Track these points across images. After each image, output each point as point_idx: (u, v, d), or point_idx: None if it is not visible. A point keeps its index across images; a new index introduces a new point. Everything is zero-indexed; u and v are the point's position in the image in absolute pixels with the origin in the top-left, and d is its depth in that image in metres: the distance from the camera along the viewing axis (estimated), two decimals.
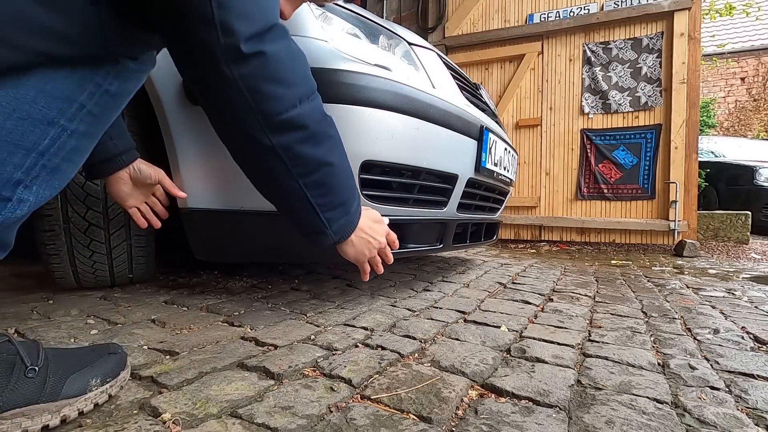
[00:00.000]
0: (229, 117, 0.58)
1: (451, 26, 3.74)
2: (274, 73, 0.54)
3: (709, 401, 0.66)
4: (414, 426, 0.55)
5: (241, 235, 1.12)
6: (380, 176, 1.09)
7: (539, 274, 1.95)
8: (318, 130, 0.62)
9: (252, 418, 0.56)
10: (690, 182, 3.00)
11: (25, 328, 0.90)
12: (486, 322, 1.07)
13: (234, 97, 0.54)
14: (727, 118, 9.65)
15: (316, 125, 0.62)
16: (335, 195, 0.69)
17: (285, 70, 0.55)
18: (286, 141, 0.59)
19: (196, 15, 0.47)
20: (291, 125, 0.58)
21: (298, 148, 0.60)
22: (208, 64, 0.51)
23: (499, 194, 1.79)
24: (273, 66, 0.54)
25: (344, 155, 0.70)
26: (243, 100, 0.54)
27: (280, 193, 0.66)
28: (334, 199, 0.69)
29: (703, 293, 1.59)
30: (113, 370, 0.60)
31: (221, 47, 0.49)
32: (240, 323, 0.99)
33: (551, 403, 0.63)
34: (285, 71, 0.56)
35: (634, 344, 0.93)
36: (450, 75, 1.40)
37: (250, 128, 0.57)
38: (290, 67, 0.57)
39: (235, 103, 0.54)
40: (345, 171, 0.71)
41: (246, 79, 0.53)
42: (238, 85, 0.52)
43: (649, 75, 3.11)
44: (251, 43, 0.51)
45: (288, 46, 0.57)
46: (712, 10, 6.70)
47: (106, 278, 1.24)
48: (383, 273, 1.06)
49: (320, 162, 0.64)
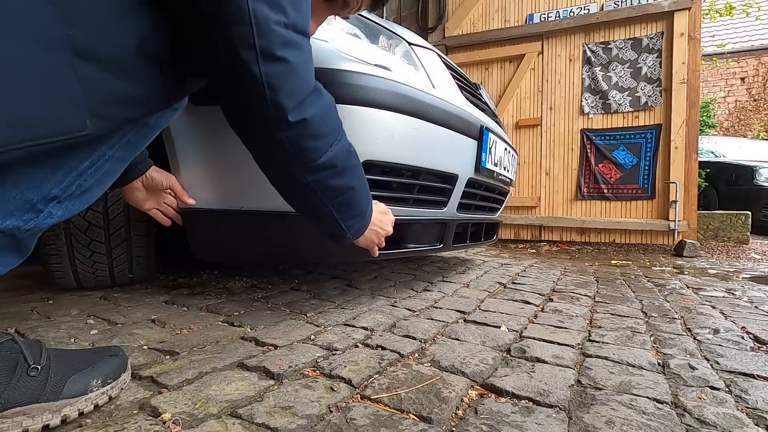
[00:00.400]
0: (274, 165, 0.69)
1: (451, 26, 3.74)
2: (313, 132, 0.64)
3: (709, 401, 0.66)
4: (414, 426, 0.55)
5: (241, 235, 1.11)
6: (380, 176, 1.09)
7: (539, 274, 1.95)
8: (345, 165, 0.73)
9: (252, 418, 0.56)
10: (690, 182, 3.00)
11: (25, 328, 0.90)
12: (486, 322, 1.07)
13: (280, 152, 0.64)
14: (727, 118, 9.65)
15: (343, 162, 0.72)
16: (355, 209, 0.80)
17: (321, 126, 0.65)
18: (319, 178, 0.70)
19: (252, 95, 0.56)
20: (324, 167, 0.69)
21: (329, 182, 0.71)
22: (260, 130, 0.62)
23: (499, 194, 1.79)
24: (312, 127, 0.63)
25: (363, 176, 0.80)
26: (287, 153, 0.64)
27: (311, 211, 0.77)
28: (354, 212, 0.80)
29: (703, 293, 1.59)
30: (114, 372, 0.60)
31: (272, 119, 0.59)
32: (240, 323, 0.99)
33: (551, 403, 0.63)
34: (321, 127, 0.66)
35: (634, 344, 0.93)
36: (450, 75, 1.40)
37: (291, 172, 0.68)
38: (325, 122, 0.67)
39: (280, 156, 0.65)
40: (364, 189, 0.81)
41: (290, 139, 0.62)
42: (284, 144, 0.63)
43: (649, 75, 3.11)
44: (295, 113, 0.60)
45: (323, 104, 0.66)
46: (712, 10, 6.70)
47: (106, 278, 1.24)
48: (383, 273, 1.06)
49: (345, 188, 0.75)
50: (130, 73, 0.51)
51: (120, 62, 0.50)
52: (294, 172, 0.68)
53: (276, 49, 0.54)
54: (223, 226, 1.09)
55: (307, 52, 0.61)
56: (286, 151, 0.64)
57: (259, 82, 0.55)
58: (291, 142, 0.63)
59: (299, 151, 0.64)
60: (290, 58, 0.56)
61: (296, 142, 0.63)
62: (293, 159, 0.65)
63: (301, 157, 0.65)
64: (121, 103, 0.52)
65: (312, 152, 0.66)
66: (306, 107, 0.62)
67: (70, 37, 0.44)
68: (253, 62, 0.53)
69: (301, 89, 0.60)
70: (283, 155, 0.65)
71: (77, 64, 0.46)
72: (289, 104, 0.59)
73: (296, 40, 0.57)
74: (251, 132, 0.64)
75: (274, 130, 0.61)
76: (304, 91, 0.61)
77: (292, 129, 0.61)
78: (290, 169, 0.68)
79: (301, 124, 0.62)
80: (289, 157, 0.65)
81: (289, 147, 0.63)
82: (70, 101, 0.46)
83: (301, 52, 0.59)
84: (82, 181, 0.53)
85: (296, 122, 0.61)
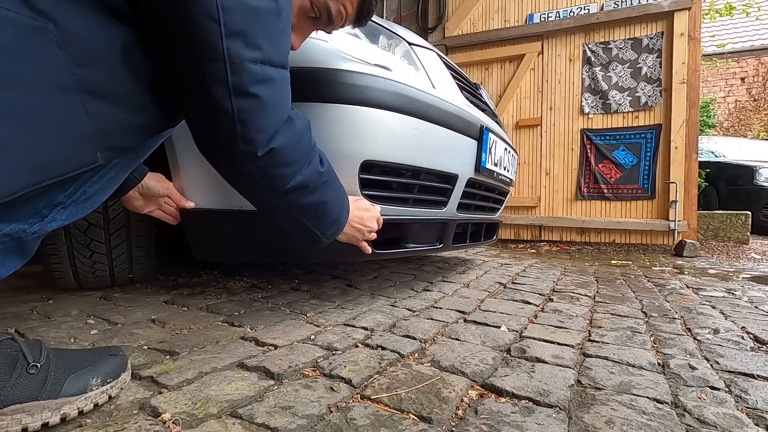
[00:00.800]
0: (243, 189, 0.71)
1: (451, 26, 3.74)
2: (281, 161, 0.65)
3: (709, 401, 0.66)
4: (414, 426, 0.55)
5: (241, 235, 1.11)
6: (380, 176, 1.09)
7: (539, 274, 1.95)
8: (316, 183, 0.74)
9: (252, 418, 0.56)
10: (690, 182, 3.00)
11: (25, 328, 0.90)
12: (486, 322, 1.07)
13: (250, 182, 0.67)
14: (727, 118, 9.65)
15: (314, 181, 0.73)
16: (329, 218, 0.82)
17: (290, 155, 0.66)
18: (290, 199, 0.71)
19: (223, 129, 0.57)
20: (294, 189, 0.70)
21: (301, 201, 0.73)
22: (230, 162, 0.63)
23: (499, 194, 1.79)
24: (281, 156, 0.64)
25: (337, 187, 0.82)
26: (256, 182, 0.66)
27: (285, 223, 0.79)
28: (328, 221, 0.82)
29: (703, 293, 1.59)
30: (114, 371, 0.60)
31: (241, 152, 0.60)
32: (240, 323, 0.98)
33: (551, 403, 0.63)
34: (290, 156, 0.66)
35: (634, 344, 0.93)
36: (450, 75, 1.40)
37: (262, 196, 0.71)
38: (294, 150, 0.67)
39: (252, 185, 0.68)
40: (338, 199, 0.83)
41: (259, 169, 0.64)
42: (253, 175, 0.64)
43: (649, 75, 3.11)
44: (265, 146, 0.61)
45: (294, 132, 0.66)
46: (712, 10, 6.69)
47: (106, 278, 1.24)
48: (383, 273, 1.06)
49: (317, 203, 0.77)
50: (135, 105, 0.53)
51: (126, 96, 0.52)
52: (265, 196, 0.70)
53: (248, 86, 0.55)
54: (222, 226, 1.09)
55: (281, 84, 0.62)
56: (255, 180, 0.65)
57: (230, 117, 0.56)
58: (260, 172, 0.64)
59: (268, 179, 0.66)
60: (262, 94, 0.57)
61: (265, 172, 0.64)
62: (263, 186, 0.67)
63: (270, 184, 0.67)
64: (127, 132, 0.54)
65: (281, 179, 0.67)
66: (276, 139, 0.62)
67: (79, 77, 0.46)
68: (224, 98, 0.54)
69: (272, 123, 0.61)
70: (253, 183, 0.67)
71: (87, 102, 0.48)
72: (260, 138, 0.60)
73: (271, 75, 0.58)
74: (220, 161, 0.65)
75: (243, 162, 0.62)
76: (275, 124, 0.62)
77: (261, 160, 0.62)
78: (260, 194, 0.70)
79: (270, 155, 0.62)
80: (258, 185, 0.67)
81: (258, 176, 0.65)
82: (83, 139, 0.49)
83: (275, 86, 0.60)
84: (86, 188, 0.54)
85: (265, 154, 0.62)
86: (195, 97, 0.55)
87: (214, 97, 0.54)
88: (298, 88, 0.97)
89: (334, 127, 0.98)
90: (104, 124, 0.50)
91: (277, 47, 0.59)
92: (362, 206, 0.97)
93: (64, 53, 0.45)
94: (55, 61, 0.44)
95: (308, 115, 0.98)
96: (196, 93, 0.55)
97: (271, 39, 0.57)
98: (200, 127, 0.60)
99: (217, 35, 0.50)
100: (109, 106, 0.50)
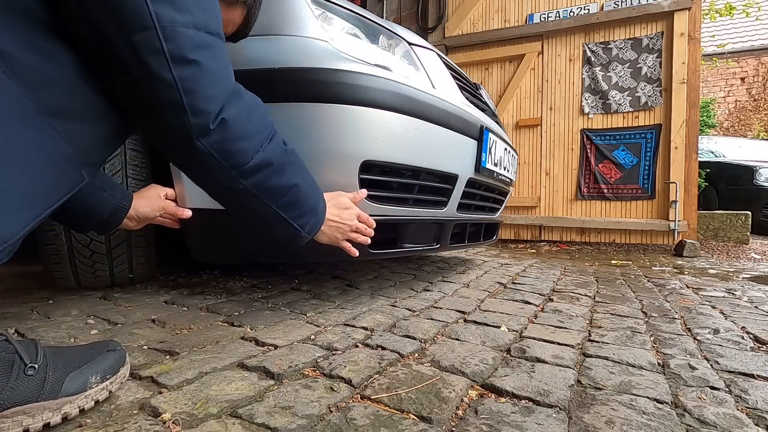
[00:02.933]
0: (205, 175, 0.66)
1: (451, 26, 3.74)
2: (237, 133, 0.61)
3: (709, 401, 0.66)
4: (414, 426, 0.55)
5: (239, 236, 1.11)
6: (380, 176, 1.09)
7: (539, 274, 1.95)
8: (281, 162, 0.70)
9: (252, 418, 0.56)
10: (690, 182, 3.00)
11: (25, 328, 0.90)
12: (486, 322, 1.07)
13: (207, 161, 0.61)
14: (727, 118, 9.65)
15: (279, 159, 0.69)
16: (304, 206, 0.77)
17: (245, 125, 0.63)
18: (256, 181, 0.67)
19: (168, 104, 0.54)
20: (258, 167, 0.66)
21: (268, 183, 0.69)
22: (183, 141, 0.58)
23: (499, 194, 1.79)
24: (235, 128, 0.61)
25: (306, 171, 0.78)
26: (215, 161, 0.62)
27: (258, 218, 0.74)
28: (303, 209, 0.77)
29: (703, 293, 1.59)
30: (112, 367, 0.60)
31: (192, 126, 0.56)
32: (240, 323, 0.98)
33: (551, 403, 0.63)
34: (245, 127, 0.63)
35: (634, 344, 0.93)
36: (450, 75, 1.40)
37: (225, 180, 0.65)
38: (249, 121, 0.64)
39: (209, 165, 0.62)
40: (310, 184, 0.79)
41: (214, 145, 0.60)
42: (209, 152, 0.60)
43: (649, 75, 3.11)
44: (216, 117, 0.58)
45: (244, 103, 0.63)
46: (712, 10, 6.69)
47: (106, 278, 1.24)
48: (383, 273, 1.06)
49: (288, 186, 0.72)
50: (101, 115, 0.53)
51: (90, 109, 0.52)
52: (228, 179, 0.65)
53: (187, 52, 0.52)
54: (221, 226, 1.09)
55: (220, 52, 0.59)
56: (213, 158, 0.61)
57: (174, 89, 0.53)
58: (216, 148, 0.60)
59: (226, 155, 0.62)
60: (203, 60, 0.54)
61: (221, 147, 0.60)
62: (223, 166, 0.62)
63: (229, 161, 0.62)
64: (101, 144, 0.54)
65: (240, 154, 0.63)
66: (226, 109, 0.59)
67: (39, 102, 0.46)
68: (163, 68, 0.51)
69: (219, 91, 0.58)
70: (212, 164, 0.62)
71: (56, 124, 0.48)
72: (209, 107, 0.57)
73: (208, 41, 0.55)
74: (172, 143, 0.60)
75: (196, 137, 0.58)
76: (223, 92, 0.59)
77: (215, 134, 0.59)
78: (223, 178, 0.65)
79: (223, 127, 0.59)
80: (218, 165, 0.62)
81: (215, 154, 0.60)
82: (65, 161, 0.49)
83: (214, 52, 0.57)
84: None
85: (218, 127, 0.58)
86: (133, 75, 0.51)
87: (152, 69, 0.51)
88: (298, 88, 0.98)
89: (334, 127, 0.98)
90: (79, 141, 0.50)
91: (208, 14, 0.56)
92: (341, 203, 0.92)
93: (16, 81, 0.44)
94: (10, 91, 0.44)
95: (308, 116, 0.99)
96: (133, 71, 0.51)
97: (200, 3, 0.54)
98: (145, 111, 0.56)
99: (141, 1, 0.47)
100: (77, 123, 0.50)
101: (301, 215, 0.77)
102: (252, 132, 0.64)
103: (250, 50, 1.00)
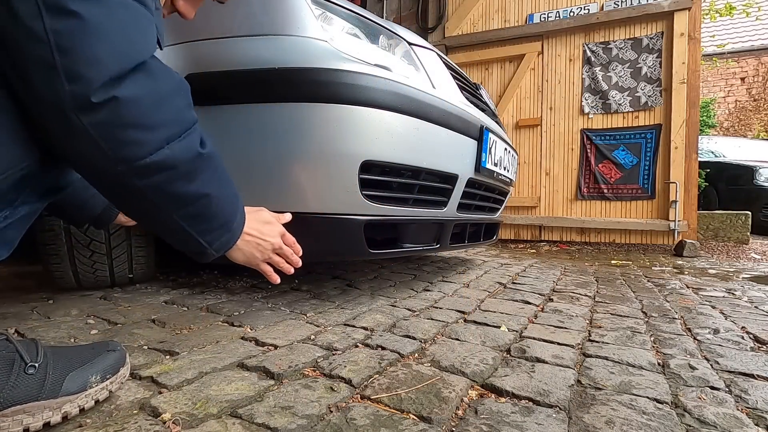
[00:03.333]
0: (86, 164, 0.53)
1: (451, 26, 3.74)
2: (132, 119, 0.49)
3: (709, 401, 0.66)
4: (414, 426, 0.55)
5: None
6: (380, 176, 1.09)
7: (539, 274, 1.95)
8: (192, 167, 0.58)
9: (252, 418, 0.56)
10: (690, 182, 3.00)
11: (25, 328, 0.90)
12: (486, 322, 1.07)
13: (85, 145, 0.49)
14: (727, 118, 9.65)
15: (189, 163, 0.57)
16: (214, 220, 0.65)
17: (146, 113, 0.51)
18: (154, 182, 0.54)
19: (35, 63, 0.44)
20: (158, 167, 0.54)
21: (170, 188, 0.57)
22: (52, 112, 0.46)
23: (499, 194, 1.79)
24: (130, 111, 0.49)
25: (225, 181, 0.66)
26: (97, 148, 0.49)
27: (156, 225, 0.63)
28: (213, 224, 0.65)
29: (703, 293, 1.59)
30: (112, 366, 0.60)
31: (66, 94, 0.45)
32: (240, 323, 0.99)
33: (551, 403, 0.63)
34: (147, 115, 0.51)
35: (634, 344, 0.93)
36: (450, 75, 1.40)
37: (112, 175, 0.52)
38: (154, 109, 0.52)
39: (89, 152, 0.50)
40: (225, 197, 0.66)
41: (99, 126, 0.48)
42: (88, 133, 0.47)
43: (649, 75, 3.11)
44: (103, 90, 0.46)
45: (152, 86, 0.52)
46: (712, 10, 6.70)
47: (106, 278, 1.24)
48: (383, 273, 1.05)
49: (195, 196, 0.60)
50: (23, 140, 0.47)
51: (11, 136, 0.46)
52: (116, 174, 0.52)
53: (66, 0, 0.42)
54: None
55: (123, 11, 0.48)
56: (94, 143, 0.48)
57: (44, 43, 0.42)
58: (98, 130, 0.48)
59: (113, 143, 0.49)
60: (87, 13, 0.44)
61: (106, 131, 0.48)
62: (107, 156, 0.49)
63: (116, 152, 0.50)
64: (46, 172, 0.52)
65: (133, 146, 0.50)
66: (123, 85, 0.48)
67: None
68: (33, 17, 0.42)
69: (110, 57, 0.46)
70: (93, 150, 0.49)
71: None
72: (91, 74, 0.45)
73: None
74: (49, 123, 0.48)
75: (71, 110, 0.46)
76: (117, 61, 0.47)
77: (100, 112, 0.47)
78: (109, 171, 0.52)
79: (113, 107, 0.47)
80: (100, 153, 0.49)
81: (98, 138, 0.48)
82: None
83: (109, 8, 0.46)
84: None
85: (104, 102, 0.46)
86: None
87: (19, 16, 0.41)
88: (298, 88, 0.98)
89: (334, 127, 0.98)
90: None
91: None
92: (262, 218, 0.79)
93: None
94: None
95: (308, 116, 0.99)
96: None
97: None
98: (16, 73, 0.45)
99: None
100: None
101: (209, 230, 0.65)
102: (156, 123, 0.52)
103: (250, 50, 1.00)
